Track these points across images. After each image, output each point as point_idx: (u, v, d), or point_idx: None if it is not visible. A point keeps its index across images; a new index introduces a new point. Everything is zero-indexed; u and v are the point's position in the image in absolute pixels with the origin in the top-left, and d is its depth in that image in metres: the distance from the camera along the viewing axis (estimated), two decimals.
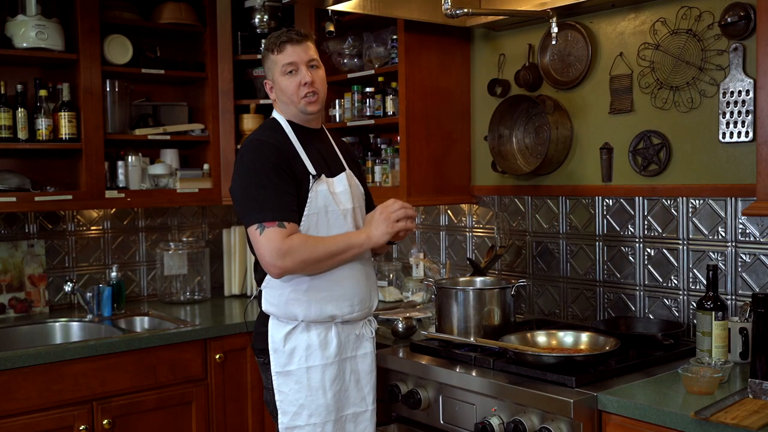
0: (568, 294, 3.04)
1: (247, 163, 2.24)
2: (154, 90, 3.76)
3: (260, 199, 2.19)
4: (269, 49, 2.33)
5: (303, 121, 2.37)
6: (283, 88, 2.31)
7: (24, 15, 3.13)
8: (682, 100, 2.66)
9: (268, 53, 2.33)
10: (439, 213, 3.54)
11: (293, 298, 2.26)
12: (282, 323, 2.30)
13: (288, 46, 2.29)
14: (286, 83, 2.30)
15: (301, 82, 2.29)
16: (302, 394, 2.28)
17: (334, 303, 2.28)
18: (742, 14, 2.45)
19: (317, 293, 2.26)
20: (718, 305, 2.33)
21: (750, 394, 2.02)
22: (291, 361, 2.28)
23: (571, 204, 3.01)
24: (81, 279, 3.56)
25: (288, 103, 2.33)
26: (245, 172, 2.23)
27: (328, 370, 2.29)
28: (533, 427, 2.15)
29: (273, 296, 2.30)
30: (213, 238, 3.98)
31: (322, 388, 2.28)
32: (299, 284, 2.26)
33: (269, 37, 2.36)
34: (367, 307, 2.37)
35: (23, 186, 3.22)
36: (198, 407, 3.09)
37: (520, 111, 3.11)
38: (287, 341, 2.28)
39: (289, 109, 2.35)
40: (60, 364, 2.76)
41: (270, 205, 2.18)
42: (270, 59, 2.33)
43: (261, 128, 2.37)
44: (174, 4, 3.54)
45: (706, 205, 2.61)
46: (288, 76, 2.30)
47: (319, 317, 2.28)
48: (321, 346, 2.28)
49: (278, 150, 2.26)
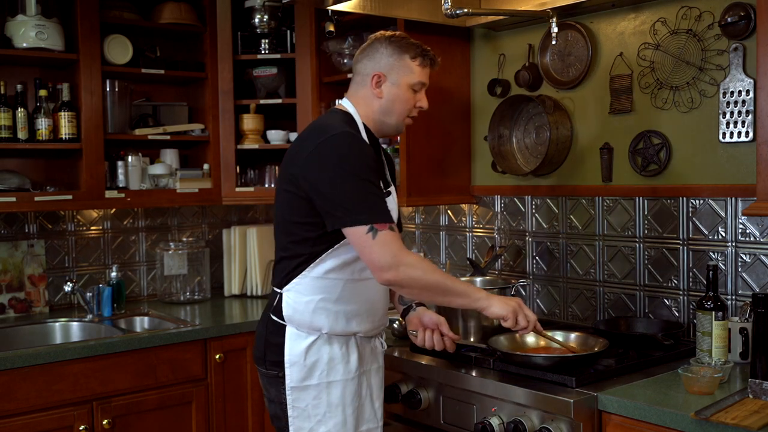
0: (568, 294, 3.04)
1: (345, 155, 2.04)
2: (154, 90, 3.76)
3: (366, 198, 2.02)
4: (410, 53, 2.19)
5: (378, 132, 2.26)
6: (402, 98, 2.20)
7: (24, 15, 3.13)
8: (682, 100, 2.66)
9: (405, 56, 2.18)
10: (439, 213, 3.54)
11: (322, 307, 2.14)
12: (302, 334, 2.16)
13: (429, 68, 2.23)
14: (408, 96, 2.21)
15: (418, 104, 2.23)
16: (321, 410, 2.15)
17: (359, 318, 2.19)
18: (742, 14, 2.45)
19: (346, 305, 2.16)
20: (718, 305, 2.33)
21: (750, 394, 2.02)
22: (311, 375, 2.15)
23: (571, 204, 3.01)
24: (81, 279, 3.56)
25: (389, 111, 2.21)
26: (344, 166, 2.03)
27: (348, 385, 2.17)
28: (533, 427, 2.15)
29: (299, 302, 2.15)
30: (213, 238, 3.98)
31: (342, 404, 2.16)
32: (331, 292, 2.14)
33: (409, 40, 2.22)
34: (384, 323, 2.31)
35: (23, 186, 3.22)
36: (198, 407, 3.09)
37: (520, 111, 3.11)
38: (308, 354, 2.14)
39: (376, 114, 2.22)
40: (60, 364, 2.76)
41: (378, 206, 2.03)
42: (405, 62, 2.19)
43: (339, 120, 2.18)
44: (174, 4, 3.54)
45: (706, 205, 2.62)
46: (412, 92, 2.21)
47: (344, 331, 2.17)
48: (343, 359, 2.17)
49: (369, 148, 2.11)
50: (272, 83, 3.75)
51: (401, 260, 2.01)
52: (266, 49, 3.68)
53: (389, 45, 2.20)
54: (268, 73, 3.73)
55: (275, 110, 3.81)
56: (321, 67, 3.58)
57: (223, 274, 3.85)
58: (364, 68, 2.23)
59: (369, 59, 2.22)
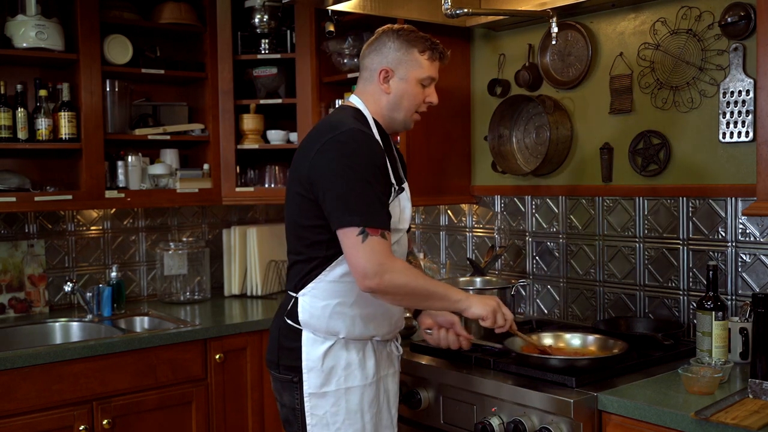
0: (568, 294, 3.04)
1: (349, 153, 1.99)
2: (154, 90, 3.76)
3: (364, 201, 1.98)
4: (418, 48, 2.14)
5: (389, 128, 2.21)
6: (411, 93, 2.15)
7: (24, 15, 3.13)
8: (682, 100, 2.66)
9: (414, 50, 2.13)
10: (439, 213, 3.54)
11: (338, 312, 2.10)
12: (319, 339, 2.11)
13: (438, 62, 2.18)
14: (416, 91, 2.15)
15: (427, 99, 2.19)
16: (339, 417, 2.11)
17: (376, 321, 2.15)
18: (742, 14, 2.45)
19: (362, 309, 2.12)
20: (718, 305, 2.33)
21: (750, 394, 2.02)
22: (329, 381, 2.11)
23: (571, 204, 3.01)
24: (81, 279, 3.56)
25: (397, 107, 2.16)
26: (348, 164, 1.99)
27: (366, 391, 2.14)
28: (533, 427, 2.15)
29: (315, 307, 2.11)
30: (213, 238, 3.98)
31: (360, 411, 2.12)
32: (347, 296, 2.10)
33: (419, 34, 2.17)
34: (400, 326, 2.28)
35: (23, 186, 3.22)
36: (198, 407, 3.09)
37: (520, 111, 3.11)
38: (326, 359, 2.10)
39: (390, 111, 2.17)
40: (60, 364, 2.76)
41: (374, 210, 1.98)
42: (413, 57, 2.14)
43: (349, 116, 2.12)
44: (174, 4, 3.54)
45: (706, 205, 2.61)
46: (421, 86, 2.16)
47: (361, 335, 2.13)
48: (360, 364, 2.13)
49: (380, 147, 2.06)
50: (272, 83, 3.75)
51: (387, 268, 1.96)
52: (266, 49, 3.68)
53: (397, 39, 2.14)
54: (268, 73, 3.73)
55: (275, 110, 3.81)
56: (321, 67, 3.58)
57: (223, 274, 3.85)
58: (371, 63, 2.18)
59: (376, 53, 2.16)
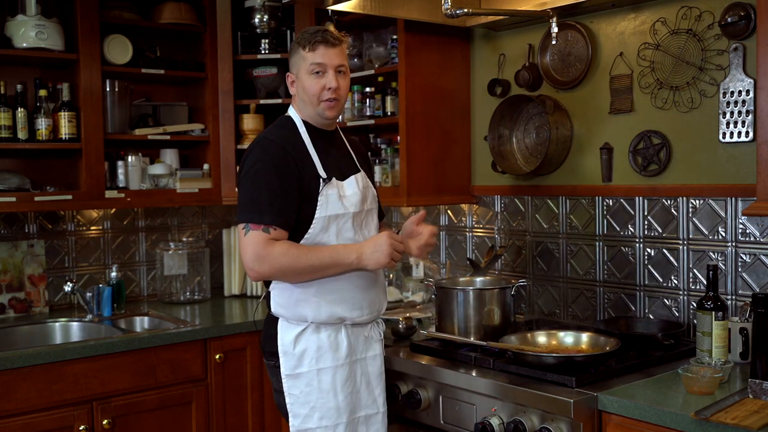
0: (568, 294, 3.04)
1: (249, 161, 2.23)
2: (154, 90, 3.76)
3: (252, 200, 2.18)
4: (301, 44, 2.27)
5: (318, 123, 2.34)
6: (306, 87, 2.27)
7: (24, 15, 3.13)
8: (682, 100, 2.66)
9: (299, 48, 2.27)
10: (439, 213, 3.54)
11: (302, 299, 2.24)
12: (292, 325, 2.28)
13: (321, 47, 2.25)
14: (310, 83, 2.26)
15: (326, 85, 2.26)
16: (313, 396, 2.26)
17: (344, 305, 2.27)
18: (742, 14, 2.45)
19: (326, 295, 2.25)
20: (718, 305, 2.33)
21: (750, 394, 2.02)
22: (301, 363, 2.26)
23: (571, 204, 3.01)
24: (81, 279, 3.56)
25: (307, 103, 2.29)
26: (246, 170, 2.22)
27: (339, 371, 2.27)
28: (533, 427, 2.15)
29: (282, 297, 2.28)
30: (213, 238, 3.98)
31: (333, 390, 2.26)
32: (308, 286, 2.24)
33: (303, 31, 2.31)
34: (376, 310, 2.37)
35: (23, 186, 3.22)
36: (198, 407, 3.09)
37: (520, 111, 3.11)
38: (297, 343, 2.26)
39: (307, 109, 2.31)
40: (60, 364, 2.76)
41: (259, 207, 2.16)
42: (299, 54, 2.28)
43: (273, 126, 2.34)
44: (174, 4, 3.54)
45: (706, 205, 2.61)
46: (314, 76, 2.26)
47: (329, 319, 2.26)
48: (332, 347, 2.27)
49: (284, 150, 2.23)
50: (272, 83, 3.75)
51: (262, 256, 2.13)
52: (266, 49, 3.68)
53: (293, 46, 2.32)
54: (268, 73, 3.73)
55: (275, 110, 3.80)
56: None
57: (223, 274, 3.85)
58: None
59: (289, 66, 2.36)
